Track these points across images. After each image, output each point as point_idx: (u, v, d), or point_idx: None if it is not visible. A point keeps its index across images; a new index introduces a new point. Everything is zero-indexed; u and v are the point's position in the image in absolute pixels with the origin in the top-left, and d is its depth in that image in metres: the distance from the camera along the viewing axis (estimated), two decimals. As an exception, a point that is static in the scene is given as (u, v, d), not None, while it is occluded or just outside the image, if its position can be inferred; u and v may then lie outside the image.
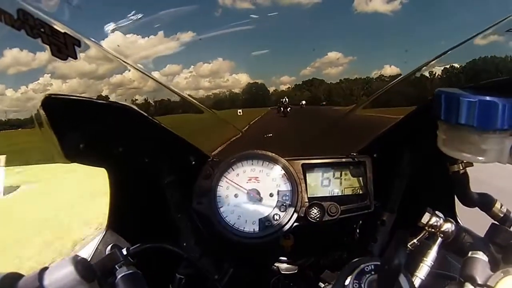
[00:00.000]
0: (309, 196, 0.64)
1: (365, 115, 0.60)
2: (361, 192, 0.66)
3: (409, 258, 0.45)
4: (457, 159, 0.56)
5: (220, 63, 0.54)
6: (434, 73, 0.55)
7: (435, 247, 0.48)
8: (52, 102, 0.47)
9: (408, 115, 0.57)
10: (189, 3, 0.50)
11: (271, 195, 0.62)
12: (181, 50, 0.51)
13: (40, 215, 3.91)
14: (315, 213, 0.62)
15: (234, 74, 0.55)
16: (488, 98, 0.41)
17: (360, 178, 0.66)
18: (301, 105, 0.60)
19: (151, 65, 0.51)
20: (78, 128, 0.52)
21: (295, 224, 0.61)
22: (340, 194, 0.65)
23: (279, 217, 0.61)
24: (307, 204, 0.62)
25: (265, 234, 0.59)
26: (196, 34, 0.50)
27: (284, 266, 0.69)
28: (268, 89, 0.58)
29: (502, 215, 0.57)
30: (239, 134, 0.62)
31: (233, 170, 0.64)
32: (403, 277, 0.43)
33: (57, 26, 0.42)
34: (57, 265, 0.40)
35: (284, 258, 0.70)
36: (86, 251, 0.62)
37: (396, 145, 0.64)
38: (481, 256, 0.43)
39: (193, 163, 0.66)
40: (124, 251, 0.49)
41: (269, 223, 0.60)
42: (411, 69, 0.54)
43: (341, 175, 0.66)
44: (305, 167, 0.65)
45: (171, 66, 0.53)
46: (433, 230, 0.50)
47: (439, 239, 0.49)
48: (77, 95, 0.49)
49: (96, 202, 3.75)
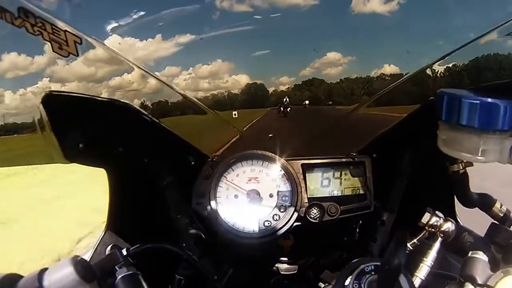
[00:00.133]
0: (309, 196, 0.64)
1: (365, 115, 0.60)
2: (361, 192, 0.66)
3: (409, 258, 0.46)
4: (457, 159, 0.55)
5: (219, 64, 0.54)
6: (436, 71, 0.54)
7: (435, 247, 0.48)
8: (53, 100, 0.47)
9: (408, 115, 0.57)
10: (188, 4, 0.50)
11: (270, 195, 0.62)
12: (180, 52, 0.51)
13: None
14: (315, 213, 0.62)
15: (233, 75, 0.55)
16: (490, 100, 0.42)
17: (360, 178, 0.66)
18: (304, 105, 0.60)
19: (150, 67, 0.51)
20: (78, 127, 0.52)
21: (295, 224, 0.61)
22: (340, 194, 0.65)
23: (279, 218, 0.60)
24: (307, 204, 0.62)
25: (265, 235, 0.59)
26: (195, 36, 0.50)
27: (284, 267, 0.69)
28: (268, 89, 0.58)
29: (502, 214, 0.57)
30: (239, 134, 0.62)
31: (232, 171, 0.63)
32: (403, 277, 0.43)
33: (58, 23, 0.42)
34: (56, 265, 0.40)
35: (284, 258, 0.70)
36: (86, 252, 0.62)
37: (396, 145, 0.64)
38: (481, 256, 0.43)
39: (193, 163, 0.66)
40: (124, 252, 0.49)
41: (269, 223, 0.60)
42: (411, 68, 0.54)
43: (341, 175, 0.66)
44: (305, 167, 0.64)
45: (170, 68, 0.53)
46: (433, 230, 0.50)
47: (439, 239, 0.49)
48: (78, 93, 0.49)
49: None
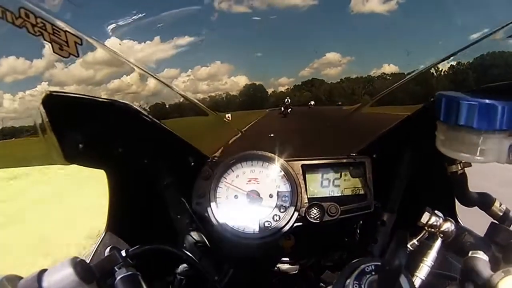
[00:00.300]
0: (309, 197, 0.63)
1: (364, 115, 0.60)
2: (361, 193, 0.66)
3: (409, 258, 0.46)
4: (455, 159, 0.55)
5: (218, 66, 0.54)
6: (440, 70, 0.54)
7: (435, 247, 0.48)
8: (53, 100, 0.47)
9: (408, 115, 0.57)
10: (186, 6, 0.50)
11: (270, 196, 0.62)
12: (179, 54, 0.51)
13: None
14: (315, 213, 0.62)
15: (232, 76, 0.55)
16: (488, 101, 0.42)
17: (360, 179, 0.66)
18: (310, 105, 0.60)
19: (149, 69, 0.51)
20: (78, 128, 0.52)
21: (295, 224, 0.61)
22: (340, 195, 0.65)
23: (279, 218, 0.60)
24: (307, 205, 0.62)
25: (265, 235, 0.59)
26: (194, 38, 0.50)
27: (284, 267, 0.69)
28: (267, 90, 0.58)
29: (501, 214, 0.56)
30: (238, 135, 0.62)
31: (232, 172, 0.63)
32: (403, 277, 0.42)
33: (58, 24, 0.43)
34: (56, 266, 0.40)
35: (284, 259, 0.70)
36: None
37: (396, 145, 0.64)
38: (482, 256, 0.43)
39: (193, 164, 0.66)
40: (123, 253, 0.48)
41: (269, 224, 0.60)
42: (410, 67, 0.54)
43: (341, 175, 0.66)
44: (304, 168, 0.65)
45: (169, 70, 0.53)
46: (433, 230, 0.50)
47: (439, 239, 0.49)
48: (78, 93, 0.49)
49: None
